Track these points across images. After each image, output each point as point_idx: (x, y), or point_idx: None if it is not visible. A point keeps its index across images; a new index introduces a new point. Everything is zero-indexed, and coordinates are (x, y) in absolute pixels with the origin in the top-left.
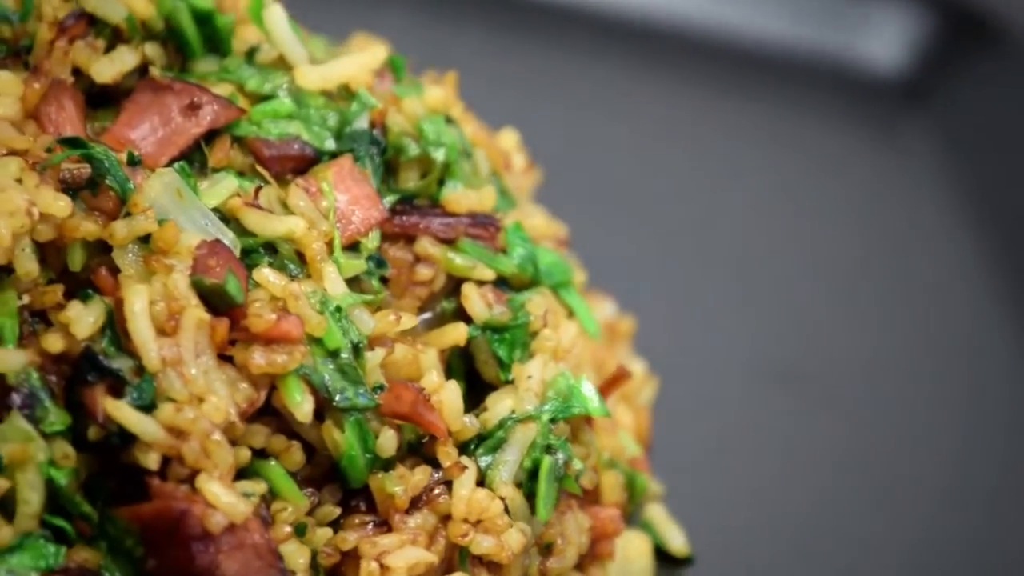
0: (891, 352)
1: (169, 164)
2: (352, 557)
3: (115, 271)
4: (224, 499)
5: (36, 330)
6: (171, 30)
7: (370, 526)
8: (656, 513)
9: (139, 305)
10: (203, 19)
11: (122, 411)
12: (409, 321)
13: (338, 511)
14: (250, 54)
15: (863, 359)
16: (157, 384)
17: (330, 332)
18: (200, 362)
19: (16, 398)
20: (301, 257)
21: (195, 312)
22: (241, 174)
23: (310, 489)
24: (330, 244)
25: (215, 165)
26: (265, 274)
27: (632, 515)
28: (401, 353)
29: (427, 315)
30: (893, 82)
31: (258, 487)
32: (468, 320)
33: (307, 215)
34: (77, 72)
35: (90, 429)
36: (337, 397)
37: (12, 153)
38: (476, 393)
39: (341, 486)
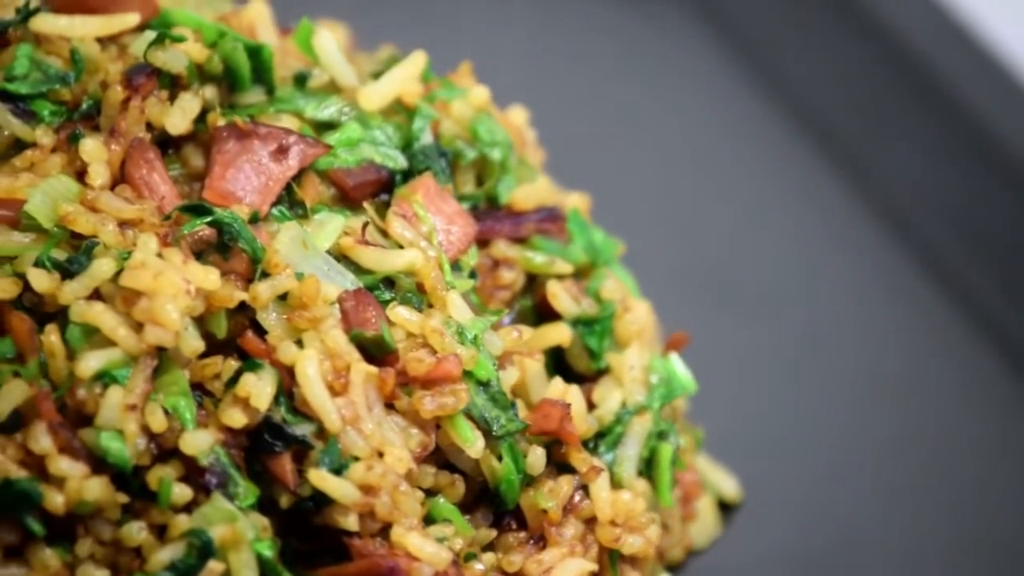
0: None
1: (269, 211)
2: None
3: (260, 332)
4: (427, 549)
5: (202, 402)
6: (227, 69)
7: (529, 544)
8: (701, 462)
9: (312, 369)
10: (252, 52)
11: (326, 480)
12: (528, 332)
13: (494, 533)
14: (300, 80)
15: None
16: (341, 444)
17: (480, 363)
18: (373, 415)
19: (211, 479)
20: (418, 287)
21: (362, 367)
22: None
23: (467, 516)
24: (440, 269)
25: (311, 204)
26: (400, 313)
27: None
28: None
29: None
30: None
31: (447, 530)
32: (548, 315)
33: (415, 243)
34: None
35: (282, 497)
36: (495, 426)
37: (124, 224)
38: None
39: (491, 507)
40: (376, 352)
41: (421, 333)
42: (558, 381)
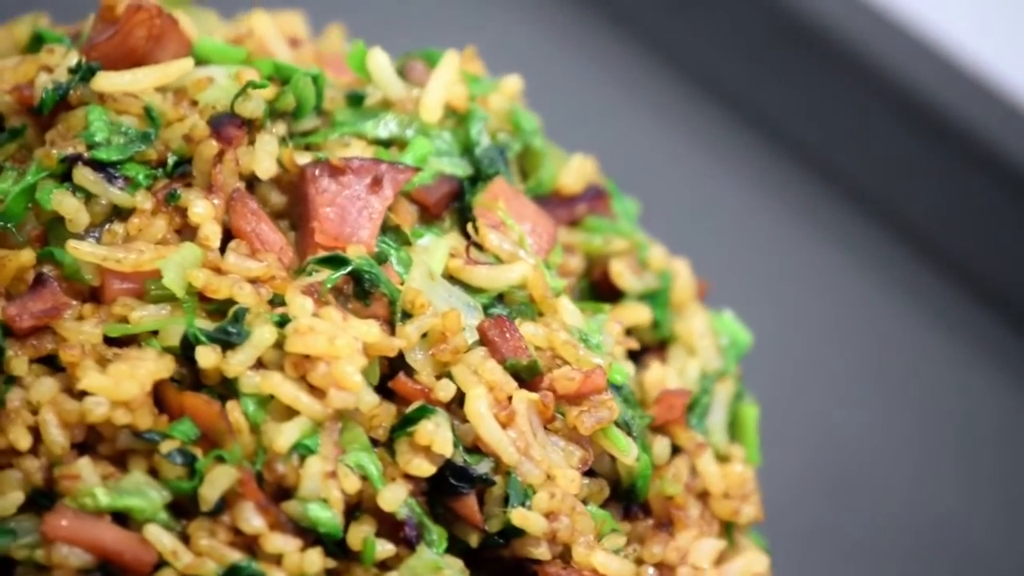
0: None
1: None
2: (660, 568)
3: (408, 372)
4: (613, 566)
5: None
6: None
7: (661, 531)
8: None
9: (483, 406)
10: (313, 80)
11: (527, 518)
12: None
13: (629, 526)
14: (356, 100)
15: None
16: (519, 475)
17: (616, 368)
18: (538, 440)
19: (411, 532)
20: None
21: (524, 395)
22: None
23: None
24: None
25: (408, 228)
26: (527, 329)
27: None
28: None
29: None
30: None
31: (619, 540)
32: (606, 293)
33: (515, 254)
34: None
35: (471, 537)
36: (634, 427)
37: (252, 281)
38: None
39: (621, 502)
40: (527, 376)
41: (549, 347)
42: (656, 367)
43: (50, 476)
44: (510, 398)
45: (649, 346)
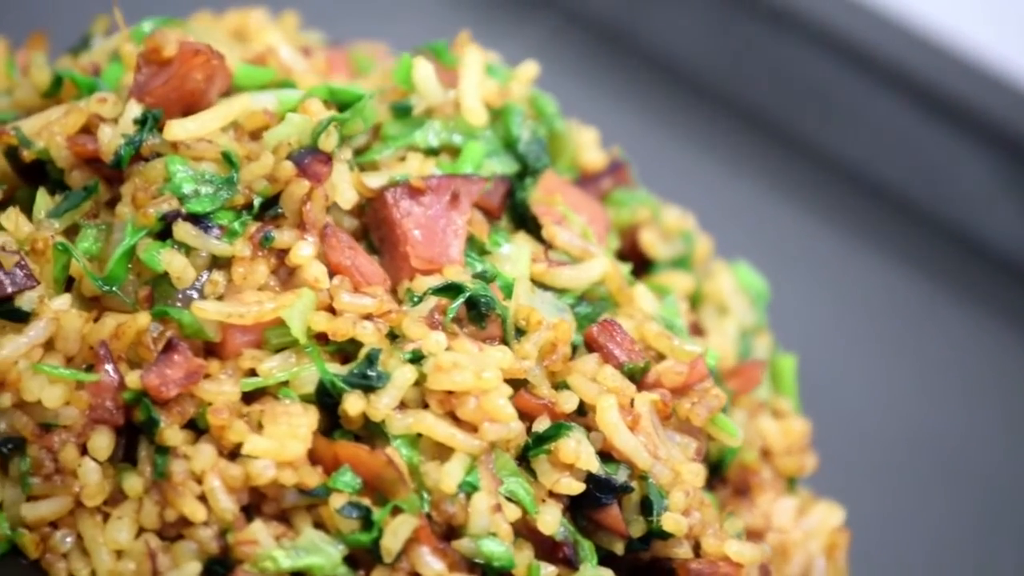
0: None
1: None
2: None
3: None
4: (746, 553)
5: None
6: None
7: (741, 499)
8: None
9: (614, 416)
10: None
11: (678, 523)
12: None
13: (713, 499)
14: (403, 112)
15: None
16: (652, 478)
17: (709, 353)
18: (661, 439)
19: (569, 551)
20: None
21: (646, 397)
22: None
23: None
24: None
25: (484, 237)
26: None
27: None
28: None
29: None
30: None
31: (739, 524)
32: (637, 265)
33: (586, 249)
34: None
35: (616, 545)
36: (726, 406)
37: (367, 317)
38: None
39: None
40: (637, 376)
41: (640, 339)
42: (715, 337)
43: (223, 543)
44: (631, 402)
45: None
